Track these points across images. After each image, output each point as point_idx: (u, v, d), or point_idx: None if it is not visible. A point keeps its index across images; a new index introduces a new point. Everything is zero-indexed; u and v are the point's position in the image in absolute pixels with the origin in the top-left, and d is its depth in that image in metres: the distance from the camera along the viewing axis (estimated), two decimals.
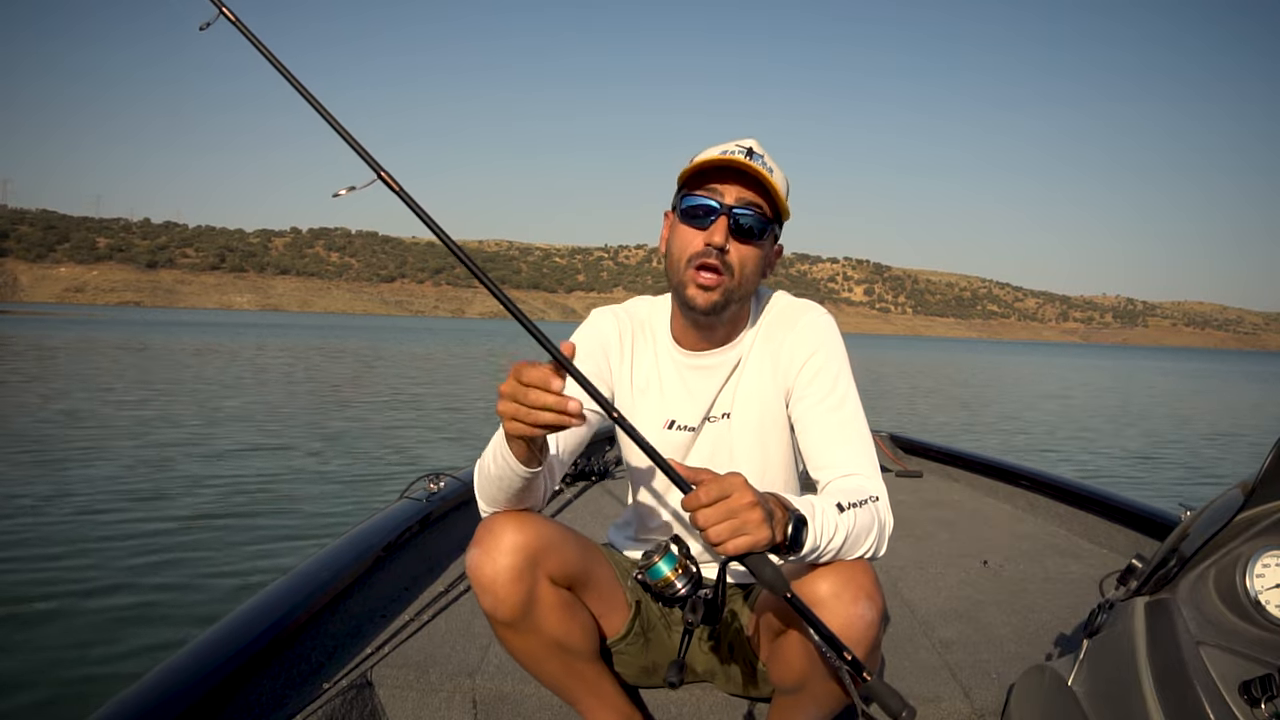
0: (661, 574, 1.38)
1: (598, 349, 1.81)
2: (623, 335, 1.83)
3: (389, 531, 2.70)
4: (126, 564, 5.10)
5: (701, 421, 1.79)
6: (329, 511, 6.79)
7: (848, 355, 1.76)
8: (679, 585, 1.37)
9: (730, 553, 1.25)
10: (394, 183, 1.38)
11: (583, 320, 1.89)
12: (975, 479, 4.75)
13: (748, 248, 1.64)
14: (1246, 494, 1.30)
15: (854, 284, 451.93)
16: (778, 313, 1.80)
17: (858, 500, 1.49)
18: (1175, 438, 15.37)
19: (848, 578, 1.44)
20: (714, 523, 1.23)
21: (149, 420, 11.70)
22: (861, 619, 1.41)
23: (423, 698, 2.06)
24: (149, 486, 7.31)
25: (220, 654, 1.84)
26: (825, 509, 1.42)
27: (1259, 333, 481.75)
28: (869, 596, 1.44)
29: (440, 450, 10.41)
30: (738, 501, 1.24)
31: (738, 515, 1.24)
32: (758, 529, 1.25)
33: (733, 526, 1.24)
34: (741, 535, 1.24)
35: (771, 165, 1.65)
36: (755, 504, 1.25)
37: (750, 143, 1.66)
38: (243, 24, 1.48)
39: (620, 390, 1.83)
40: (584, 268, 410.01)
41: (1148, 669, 1.27)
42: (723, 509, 1.24)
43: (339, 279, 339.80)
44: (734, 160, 1.59)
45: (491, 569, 1.54)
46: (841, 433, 1.66)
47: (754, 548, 1.25)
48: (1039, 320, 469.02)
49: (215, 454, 9.19)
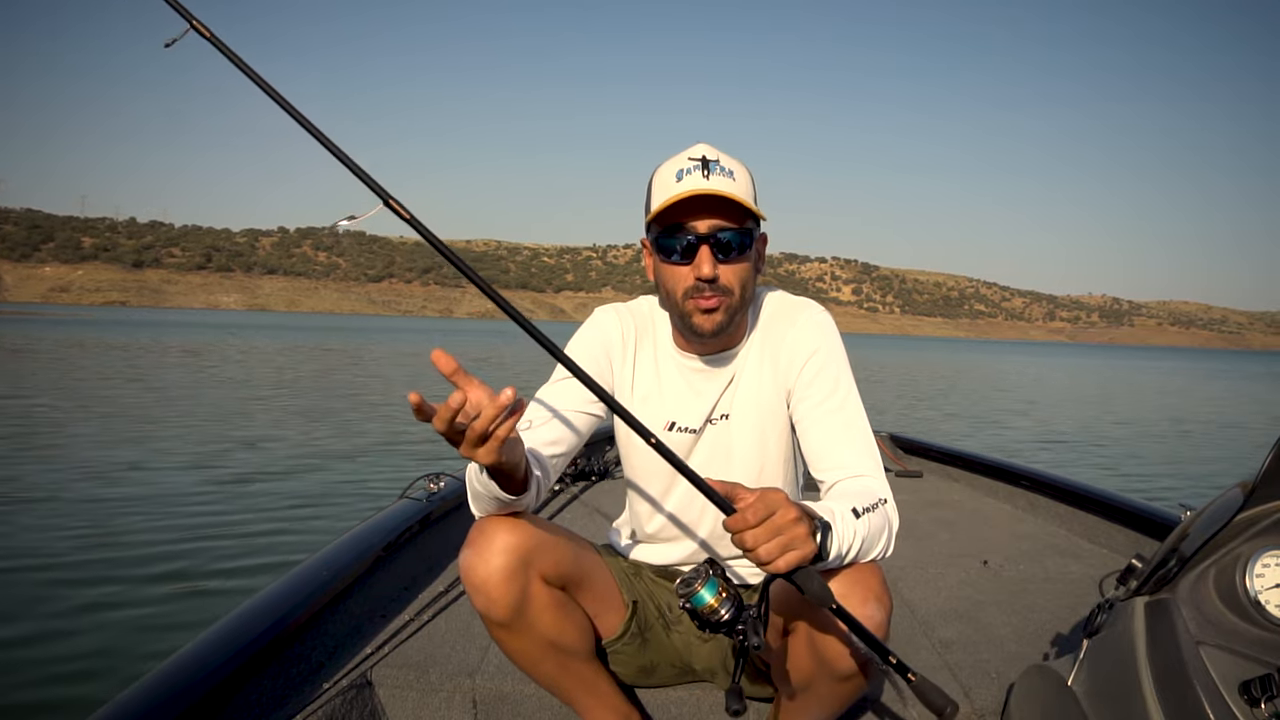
0: (705, 601, 1.33)
1: (600, 349, 1.80)
2: (625, 335, 1.82)
3: (389, 531, 2.69)
4: (128, 567, 5.06)
5: (703, 424, 1.79)
6: (329, 511, 6.77)
7: (844, 350, 1.75)
8: (723, 611, 1.34)
9: (780, 570, 1.24)
10: (403, 209, 1.35)
11: (571, 319, 1.88)
12: (975, 479, 4.75)
13: (736, 265, 1.63)
14: (1246, 494, 1.31)
15: (842, 284, 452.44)
16: (776, 312, 1.79)
17: (870, 504, 1.49)
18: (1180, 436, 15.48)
19: (856, 579, 1.44)
20: (763, 542, 1.23)
21: (139, 422, 11.63)
22: (871, 620, 1.41)
23: (423, 698, 2.06)
24: (146, 487, 7.27)
25: (220, 654, 1.84)
26: (844, 515, 1.41)
27: (1243, 332, 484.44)
28: (878, 598, 1.44)
29: (440, 450, 10.38)
30: (783, 518, 1.24)
31: (785, 532, 1.24)
32: (804, 544, 1.25)
33: (781, 544, 1.23)
34: (790, 551, 1.24)
35: (730, 166, 1.62)
36: (800, 519, 1.26)
37: (702, 151, 1.62)
38: (224, 44, 1.39)
39: (621, 390, 1.82)
40: (572, 267, 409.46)
41: (1147, 669, 1.27)
42: (770, 528, 1.23)
43: (326, 279, 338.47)
44: (697, 191, 1.56)
45: (484, 570, 1.54)
46: (846, 433, 1.65)
47: (802, 563, 1.25)
48: (1026, 320, 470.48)
49: (215, 454, 9.16)
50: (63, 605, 4.38)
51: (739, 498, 1.27)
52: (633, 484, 1.93)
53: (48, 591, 4.58)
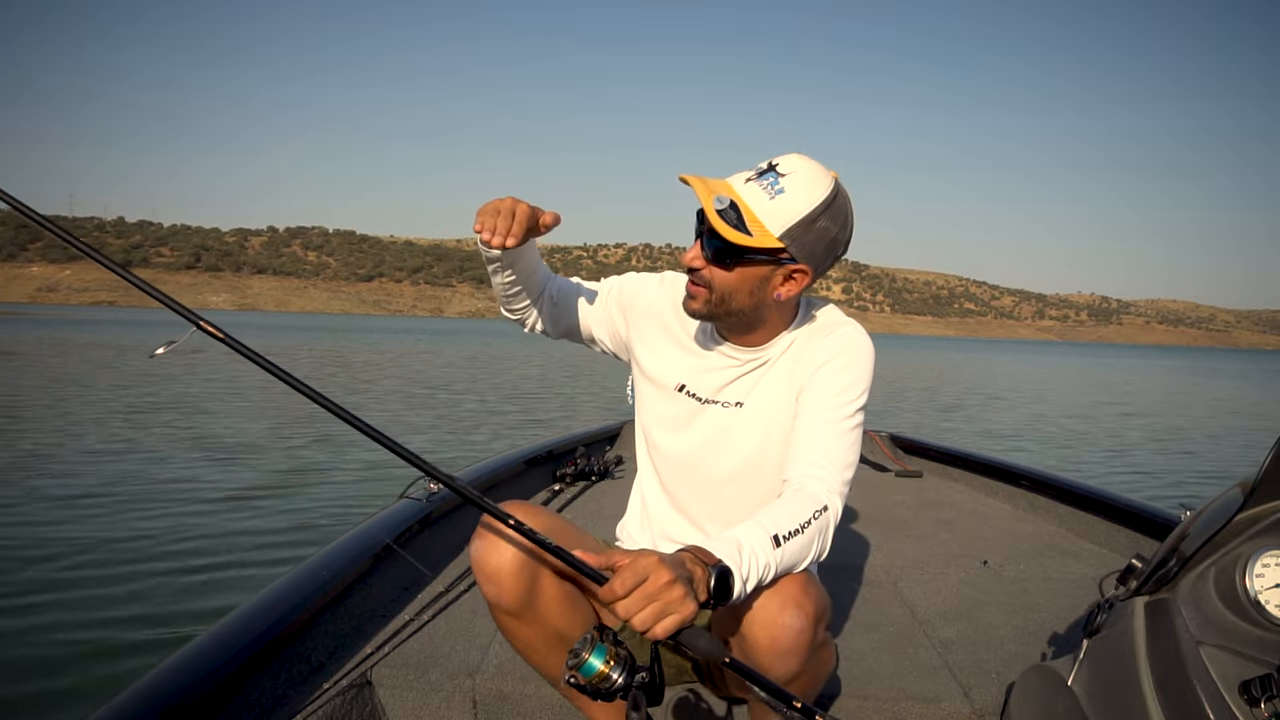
0: (595, 669, 1.28)
1: (629, 299, 1.91)
2: (658, 303, 1.89)
3: (389, 531, 2.69)
4: (126, 566, 5.06)
5: (711, 398, 1.80)
6: (328, 511, 6.77)
7: (870, 376, 1.72)
8: (615, 676, 1.28)
9: (660, 636, 1.20)
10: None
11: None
12: (975, 479, 4.75)
13: (721, 270, 1.62)
14: (1246, 494, 1.31)
15: (832, 282, 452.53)
16: (821, 324, 1.78)
17: (800, 523, 1.44)
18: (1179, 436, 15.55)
19: (775, 587, 1.43)
20: (636, 610, 1.19)
21: (135, 420, 11.60)
22: (789, 629, 1.40)
23: (423, 698, 2.07)
24: (142, 489, 7.25)
25: (220, 654, 1.85)
26: (756, 548, 1.37)
27: (1230, 330, 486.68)
28: (797, 604, 1.42)
29: (440, 450, 10.37)
30: (655, 584, 1.20)
31: (659, 598, 1.20)
32: (682, 605, 1.21)
33: (656, 610, 1.20)
34: (667, 616, 1.20)
35: (788, 185, 1.56)
36: (673, 581, 1.21)
37: (780, 160, 1.59)
38: (229, 337, 1.44)
39: (642, 345, 1.88)
40: (563, 266, 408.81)
41: (1147, 669, 1.28)
42: (642, 595, 1.20)
43: (316, 278, 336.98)
44: (691, 185, 1.57)
45: (496, 559, 1.57)
46: (821, 440, 1.63)
47: (683, 625, 1.21)
48: (1015, 319, 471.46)
49: (212, 454, 9.14)
50: (73, 598, 4.42)
51: (613, 565, 1.25)
52: (641, 475, 1.96)
53: (54, 577, 4.62)
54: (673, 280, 1.92)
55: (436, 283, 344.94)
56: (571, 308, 1.92)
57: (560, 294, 1.92)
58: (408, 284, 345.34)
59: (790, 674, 1.45)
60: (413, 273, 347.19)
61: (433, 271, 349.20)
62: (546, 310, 1.92)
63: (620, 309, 1.91)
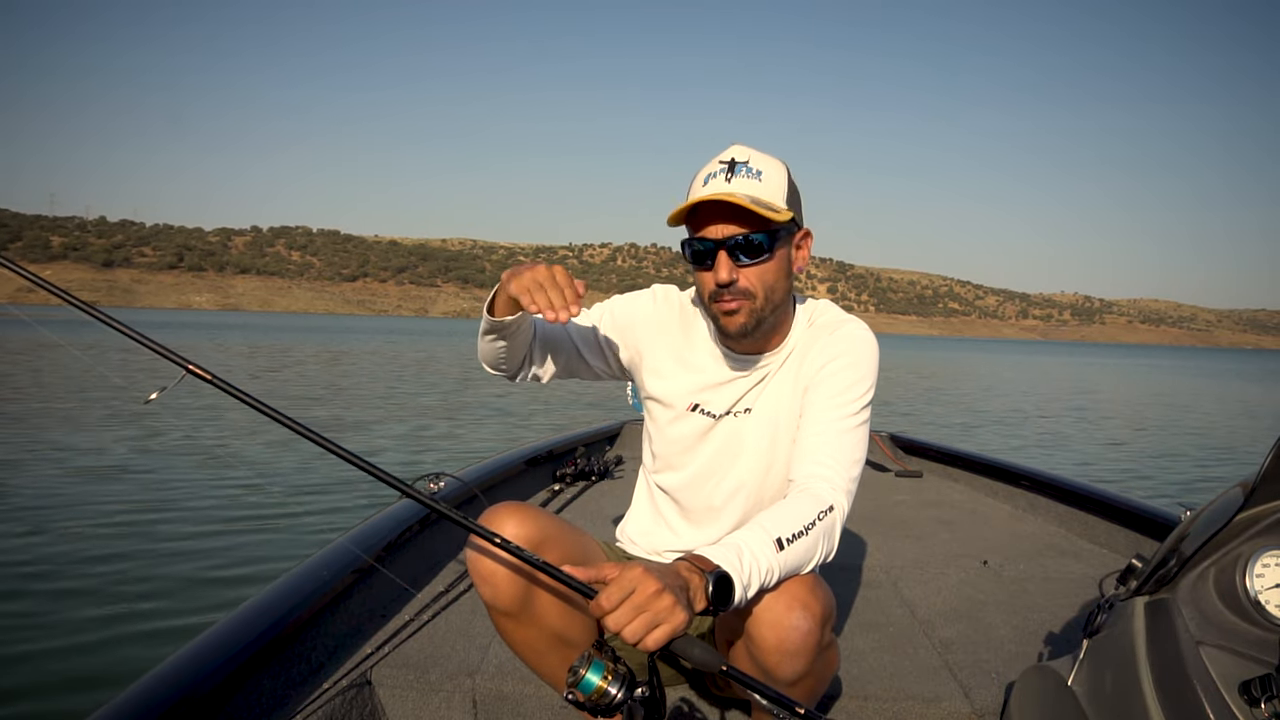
0: (593, 685, 1.28)
1: (625, 321, 1.87)
2: (662, 318, 1.87)
3: (389, 531, 2.70)
4: (124, 567, 5.04)
5: (725, 413, 1.81)
6: (328, 511, 6.76)
7: (875, 373, 1.74)
8: (613, 691, 1.28)
9: (651, 647, 1.20)
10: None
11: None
12: (975, 479, 4.75)
13: (757, 267, 1.64)
14: (1246, 494, 1.31)
15: (817, 282, 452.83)
16: (825, 323, 1.80)
17: (805, 525, 1.46)
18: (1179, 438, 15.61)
19: (781, 588, 1.43)
20: (625, 623, 1.19)
21: (136, 420, 11.54)
22: (796, 630, 1.41)
23: (423, 698, 2.07)
24: (140, 489, 7.23)
25: (220, 654, 1.84)
26: (757, 552, 1.38)
27: (1212, 329, 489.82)
28: (804, 605, 1.42)
29: (439, 450, 10.34)
30: (642, 595, 1.20)
31: (647, 609, 1.19)
32: (671, 615, 1.20)
33: (646, 622, 1.19)
34: (657, 627, 1.19)
35: (760, 166, 1.64)
36: (661, 591, 1.20)
37: (732, 153, 1.66)
38: (223, 381, 1.51)
39: (651, 366, 1.86)
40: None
41: (1147, 669, 1.28)
42: (629, 608, 1.19)
43: (300, 278, 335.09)
44: (710, 198, 1.59)
45: (491, 561, 1.58)
46: (828, 439, 1.64)
47: (674, 634, 1.21)
48: (999, 318, 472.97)
49: (210, 454, 9.11)
50: (72, 605, 4.38)
51: (603, 578, 1.25)
52: (647, 472, 1.97)
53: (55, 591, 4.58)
54: (664, 295, 1.91)
55: (421, 283, 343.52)
56: (565, 345, 1.87)
57: (548, 336, 1.85)
58: (392, 284, 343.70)
59: (796, 675, 1.46)
60: (397, 273, 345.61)
61: (417, 271, 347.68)
62: (538, 356, 1.85)
63: (618, 333, 1.88)
